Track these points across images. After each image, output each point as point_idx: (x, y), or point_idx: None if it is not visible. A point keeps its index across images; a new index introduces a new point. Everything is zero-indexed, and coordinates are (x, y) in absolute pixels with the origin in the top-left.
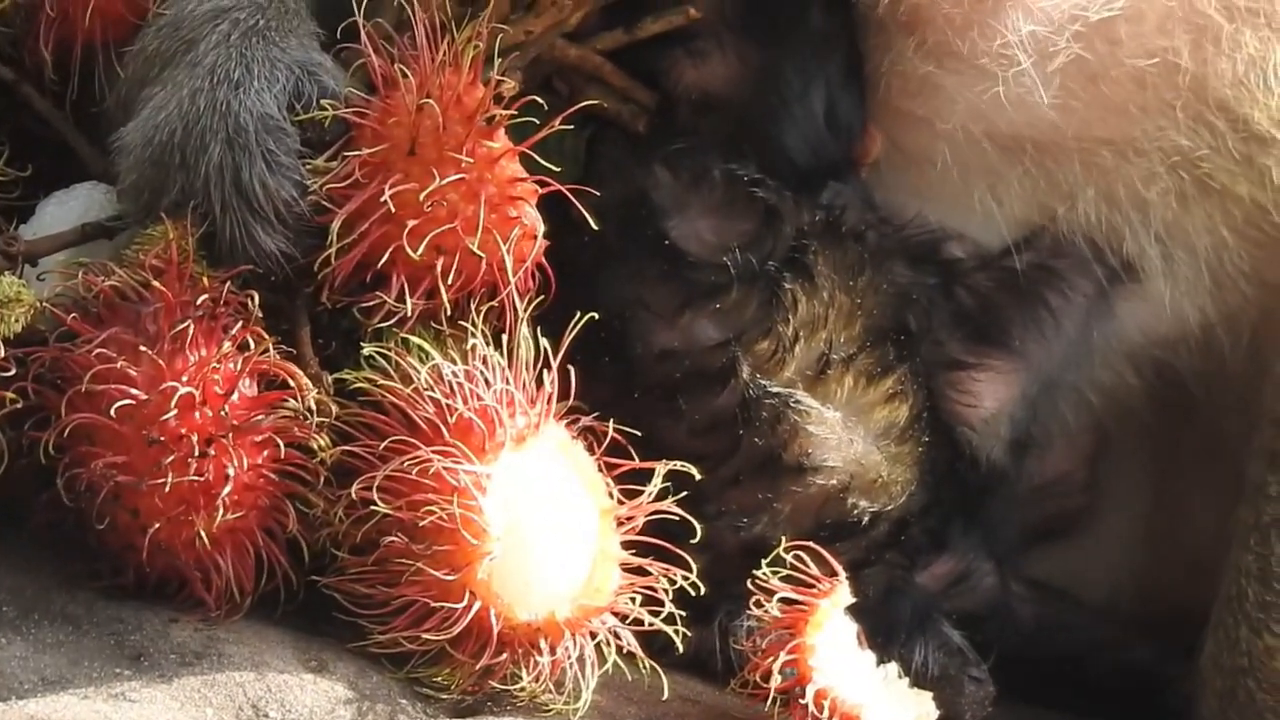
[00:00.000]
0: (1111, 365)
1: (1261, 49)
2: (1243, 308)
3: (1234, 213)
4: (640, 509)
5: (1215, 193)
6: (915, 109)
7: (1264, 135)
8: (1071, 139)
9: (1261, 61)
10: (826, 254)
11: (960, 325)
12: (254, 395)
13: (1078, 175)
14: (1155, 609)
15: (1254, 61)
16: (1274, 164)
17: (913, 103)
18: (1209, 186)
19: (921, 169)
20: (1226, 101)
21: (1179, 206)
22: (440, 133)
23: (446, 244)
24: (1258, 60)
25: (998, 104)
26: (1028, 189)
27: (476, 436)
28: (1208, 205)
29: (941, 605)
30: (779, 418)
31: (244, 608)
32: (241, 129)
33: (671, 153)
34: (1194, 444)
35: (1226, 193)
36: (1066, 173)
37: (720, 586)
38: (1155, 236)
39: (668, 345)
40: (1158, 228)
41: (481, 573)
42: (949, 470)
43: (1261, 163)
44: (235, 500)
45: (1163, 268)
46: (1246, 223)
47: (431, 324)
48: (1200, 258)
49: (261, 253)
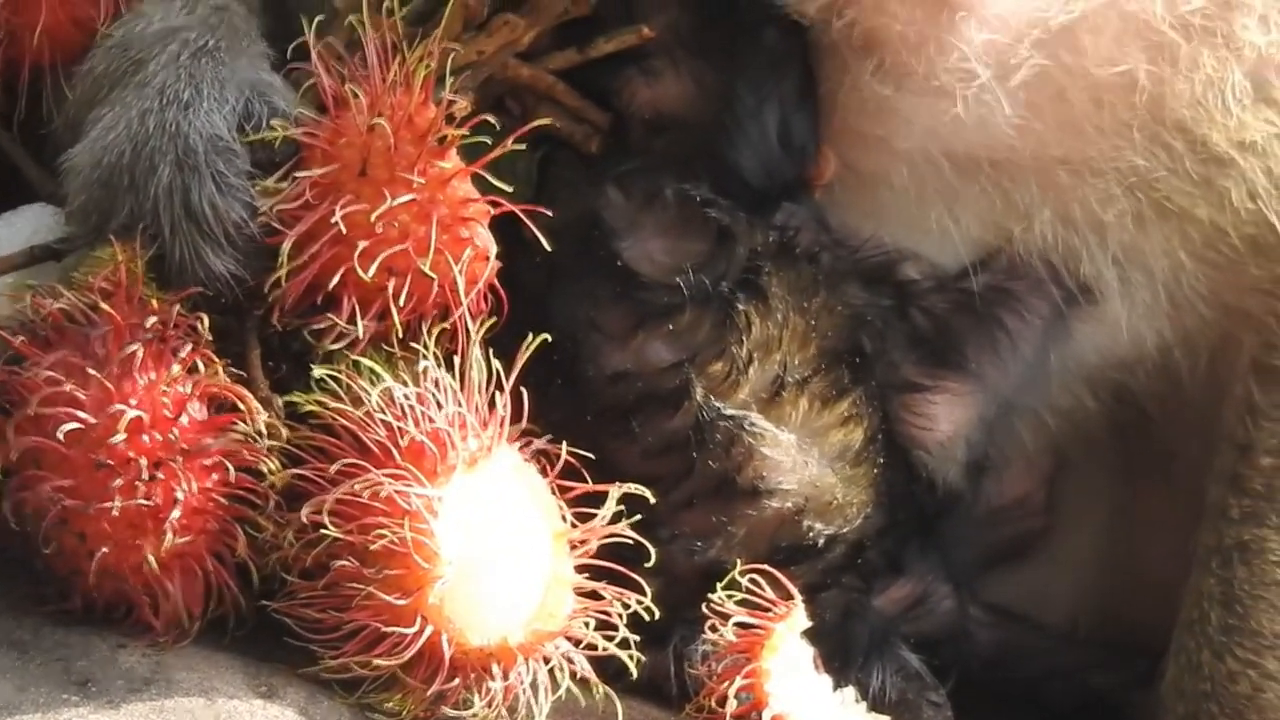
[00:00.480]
0: (1069, 388)
1: (1219, 69)
2: (1200, 330)
3: (1192, 235)
4: (594, 532)
5: (1173, 215)
6: (872, 130)
7: (1223, 157)
8: (1029, 159)
9: (1220, 82)
10: (780, 275)
11: (915, 347)
12: (203, 418)
13: (1035, 195)
14: (1116, 632)
15: (1212, 82)
16: (1233, 185)
17: (869, 124)
18: (1166, 209)
19: (877, 189)
20: (1184, 122)
21: (1136, 229)
22: (391, 153)
23: (398, 265)
24: (1215, 81)
25: (957, 124)
26: (984, 209)
27: (428, 459)
28: (1165, 228)
29: (899, 629)
30: (733, 440)
31: (193, 633)
32: (191, 150)
33: (624, 173)
34: (1152, 466)
35: (1185, 215)
36: (1023, 193)
37: (675, 611)
38: (1112, 258)
39: (620, 367)
40: (1115, 250)
41: (433, 597)
42: (905, 493)
43: (1221, 185)
44: (184, 524)
45: (1120, 290)
46: (1205, 245)
47: (383, 346)
48: (1158, 280)
49: (211, 274)
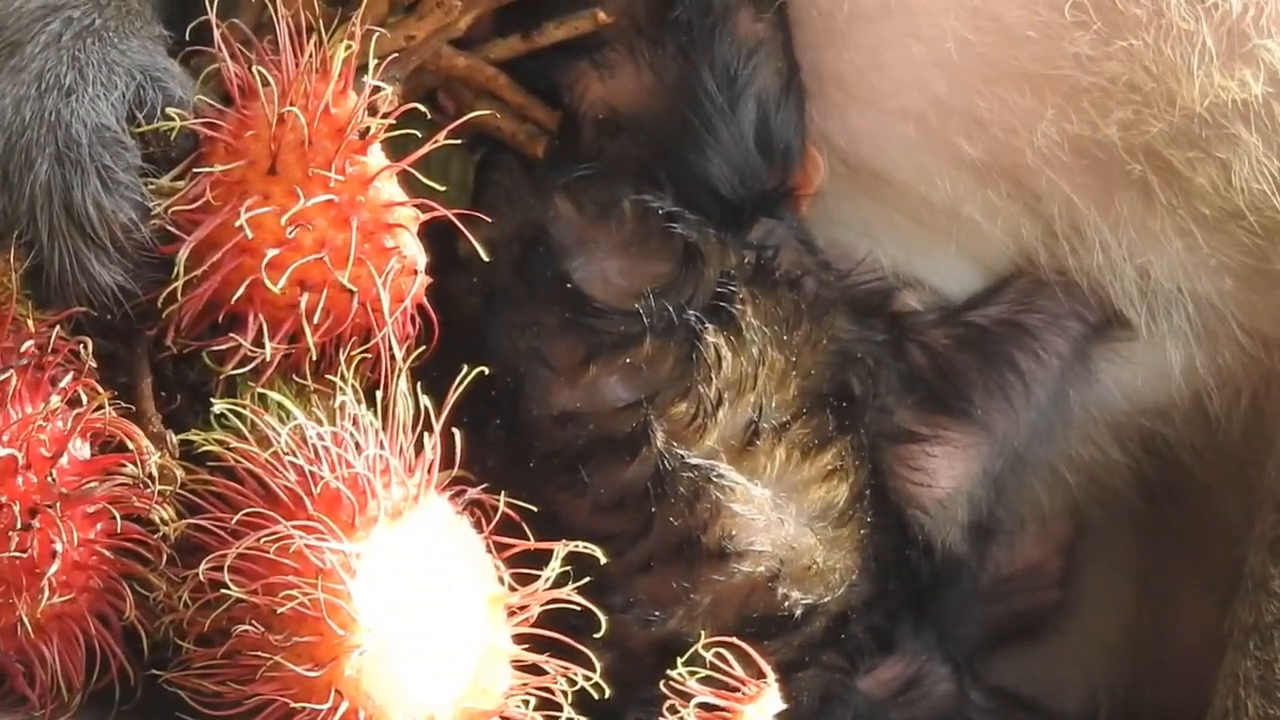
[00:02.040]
0: (1091, 437)
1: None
2: (1241, 365)
3: (1204, 212)
4: (535, 597)
5: (1177, 181)
6: (860, 94)
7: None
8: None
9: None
10: (756, 302)
11: (912, 390)
12: (86, 459)
13: (1030, 103)
14: (1140, 719)
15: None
16: (1235, 158)
17: (856, 115)
18: (1166, 169)
19: (869, 190)
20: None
21: (1144, 206)
22: (305, 148)
23: (312, 278)
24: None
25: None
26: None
27: (345, 510)
28: (1172, 200)
29: (888, 715)
30: (698, 494)
31: (73, 707)
32: (73, 142)
33: (574, 181)
34: (1185, 531)
35: (1188, 184)
36: (1031, 180)
37: (628, 690)
38: (1128, 249)
39: (568, 407)
40: (1129, 234)
41: (350, 669)
42: (897, 558)
43: (1218, 154)
44: (63, 581)
45: (1138, 299)
46: (1218, 227)
47: (294, 377)
48: (1186, 294)
49: (96, 288)
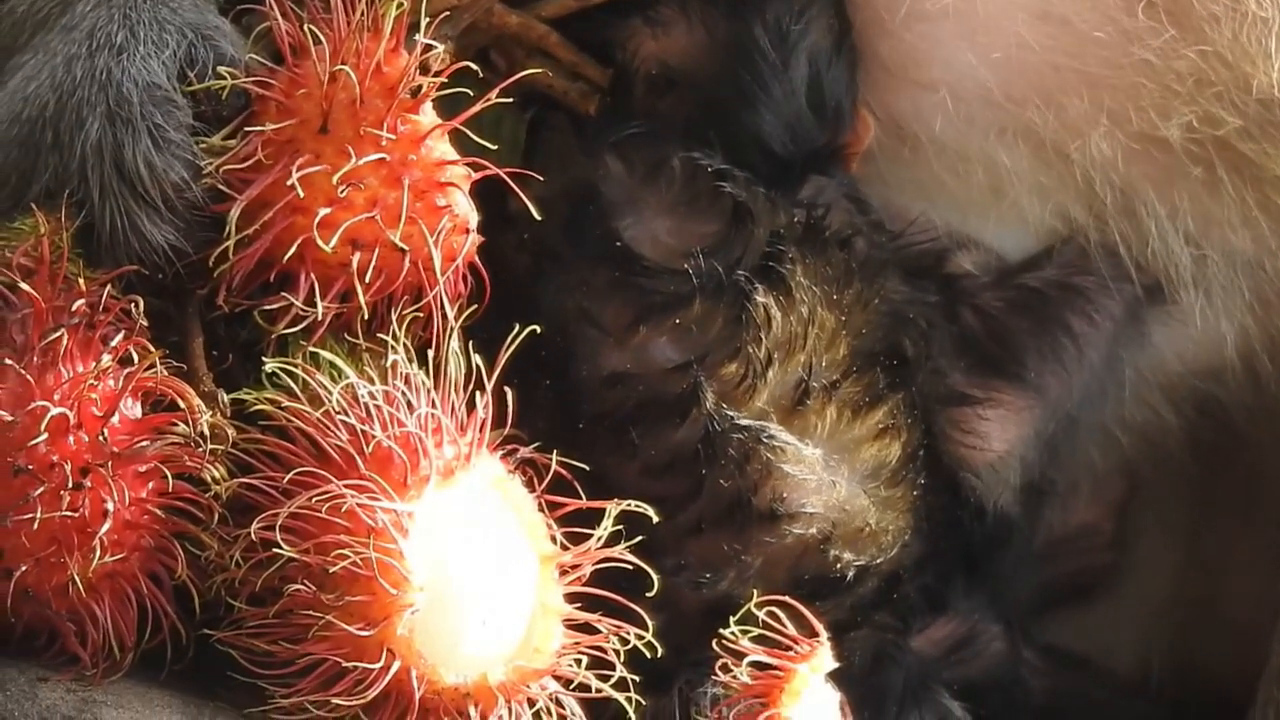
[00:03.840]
0: (1144, 399)
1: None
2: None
3: (1276, 201)
4: (588, 556)
5: (1247, 171)
6: (907, 80)
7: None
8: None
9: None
10: (806, 262)
11: (965, 353)
12: (137, 418)
13: (1087, 108)
14: (1190, 682)
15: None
16: None
17: (905, 73)
18: (1237, 162)
19: (912, 150)
20: (1226, 57)
21: (1208, 194)
22: (357, 106)
23: (364, 237)
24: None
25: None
26: (1028, 155)
27: (397, 469)
28: (1241, 190)
29: (940, 674)
30: (749, 455)
31: (125, 666)
32: (124, 101)
33: (625, 139)
34: (1238, 492)
35: (1261, 172)
36: (1076, 106)
37: (679, 652)
38: (1184, 236)
39: (618, 368)
40: (1187, 222)
41: (401, 628)
42: (949, 519)
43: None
44: (115, 540)
45: (1194, 274)
46: None
47: (345, 335)
48: (1238, 264)
49: (147, 247)
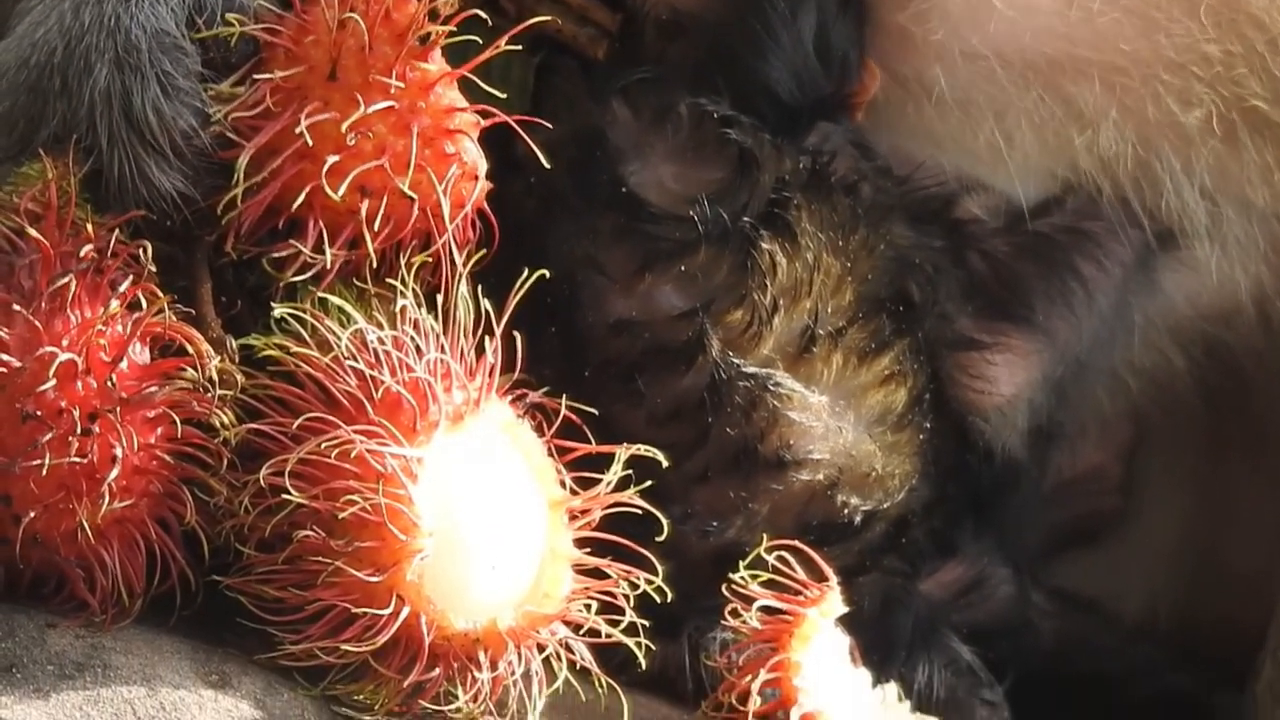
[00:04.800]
0: (1153, 343)
1: None
2: None
3: None
4: (597, 501)
5: (1270, 130)
6: (906, 23)
7: None
8: (1091, 51)
9: None
10: (812, 209)
11: (972, 297)
12: (146, 363)
13: (1099, 96)
14: (1200, 626)
15: None
16: None
17: (915, 28)
18: (1260, 122)
19: (919, 103)
20: (1258, 16)
21: (1227, 148)
22: (366, 53)
23: (372, 184)
24: None
25: (1010, 23)
26: (1043, 120)
27: (406, 414)
28: (1262, 148)
29: (949, 617)
30: (755, 402)
31: (134, 612)
32: (133, 47)
33: (632, 84)
34: (1246, 438)
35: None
36: (1087, 94)
37: (688, 599)
38: (1200, 189)
39: (624, 315)
40: (1203, 177)
41: (411, 573)
42: (957, 462)
43: None
44: (123, 486)
45: (1209, 228)
46: None
47: (354, 281)
48: (1254, 217)
49: (156, 193)
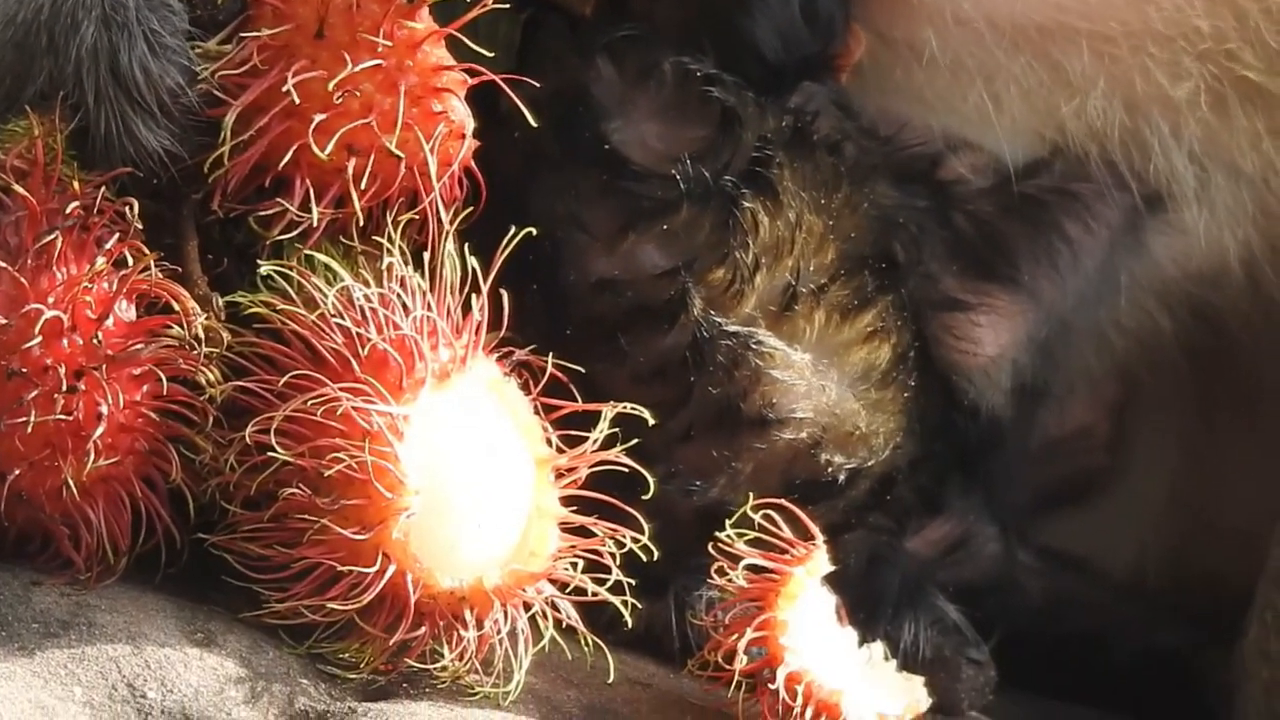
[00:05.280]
0: (1140, 303)
1: None
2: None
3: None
4: (583, 459)
5: (1260, 99)
6: None
7: None
8: (1080, 20)
9: None
10: (794, 167)
11: (957, 256)
12: (132, 320)
13: (1088, 65)
14: (1187, 585)
15: None
16: None
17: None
18: (1250, 91)
19: (908, 65)
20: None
21: (1216, 115)
22: (353, 12)
23: (359, 142)
24: None
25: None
26: (1031, 86)
27: (392, 372)
28: (1252, 115)
29: (935, 575)
30: (737, 361)
31: (119, 570)
32: (120, 4)
33: (617, 41)
34: (1233, 396)
35: (1274, 100)
36: (1075, 62)
37: (674, 558)
38: (1189, 154)
39: (606, 273)
40: (1192, 142)
41: (397, 531)
42: (943, 420)
43: None
44: (109, 443)
45: (1198, 192)
46: None
47: (341, 239)
48: (1243, 183)
49: (142, 151)
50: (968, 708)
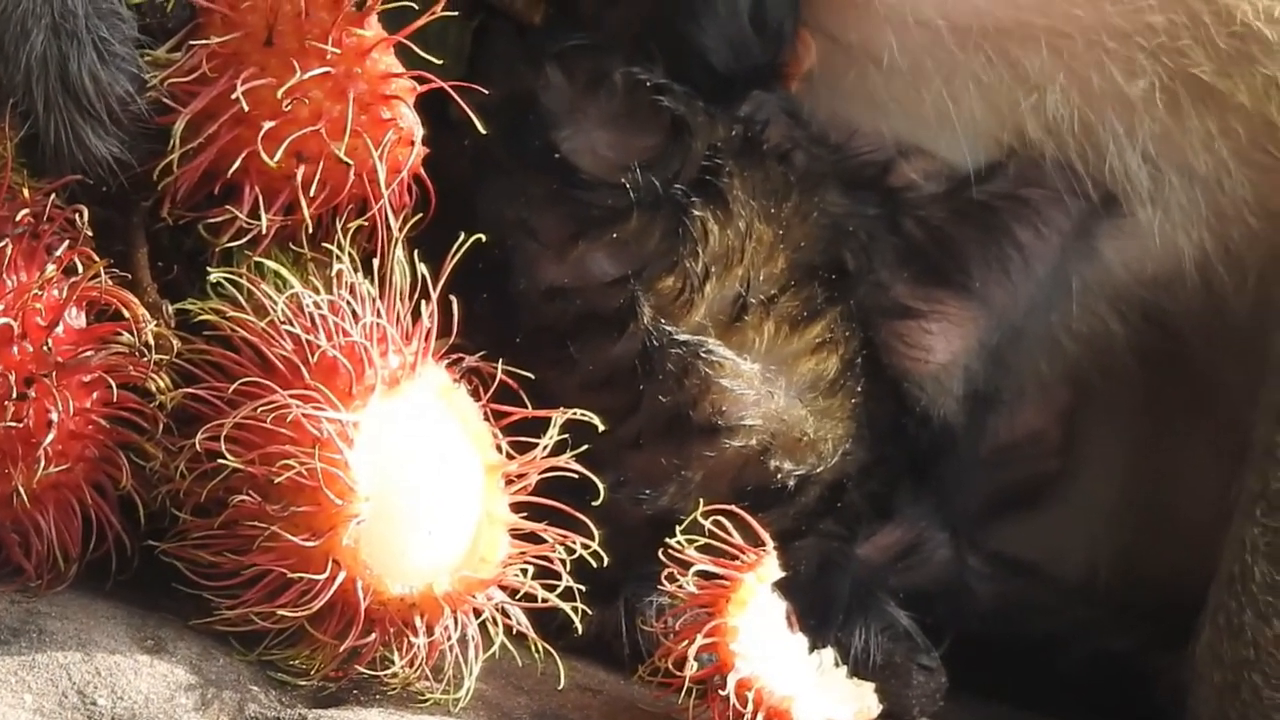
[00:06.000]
0: (1091, 308)
1: None
2: (1247, 243)
3: (1236, 128)
4: (533, 465)
5: (1212, 100)
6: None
7: (1258, 33)
8: (1038, 17)
9: None
10: (744, 176)
11: (908, 263)
12: (82, 327)
13: (1046, 62)
14: (1139, 589)
15: None
16: (1277, 69)
17: None
18: (1203, 91)
19: (862, 69)
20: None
21: (1170, 115)
22: (302, 19)
23: (308, 150)
24: None
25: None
26: (990, 85)
27: (342, 378)
28: (1205, 116)
29: (886, 581)
30: (686, 370)
31: (69, 577)
32: (69, 13)
33: (568, 49)
34: (1185, 400)
35: (1225, 101)
36: (1033, 60)
37: (624, 565)
38: (1142, 154)
39: (556, 281)
40: (1146, 143)
41: (347, 538)
42: (893, 426)
43: (1263, 70)
44: (59, 450)
45: (1152, 192)
46: (1251, 142)
47: (290, 246)
48: (1197, 183)
49: (92, 159)
50: (919, 713)
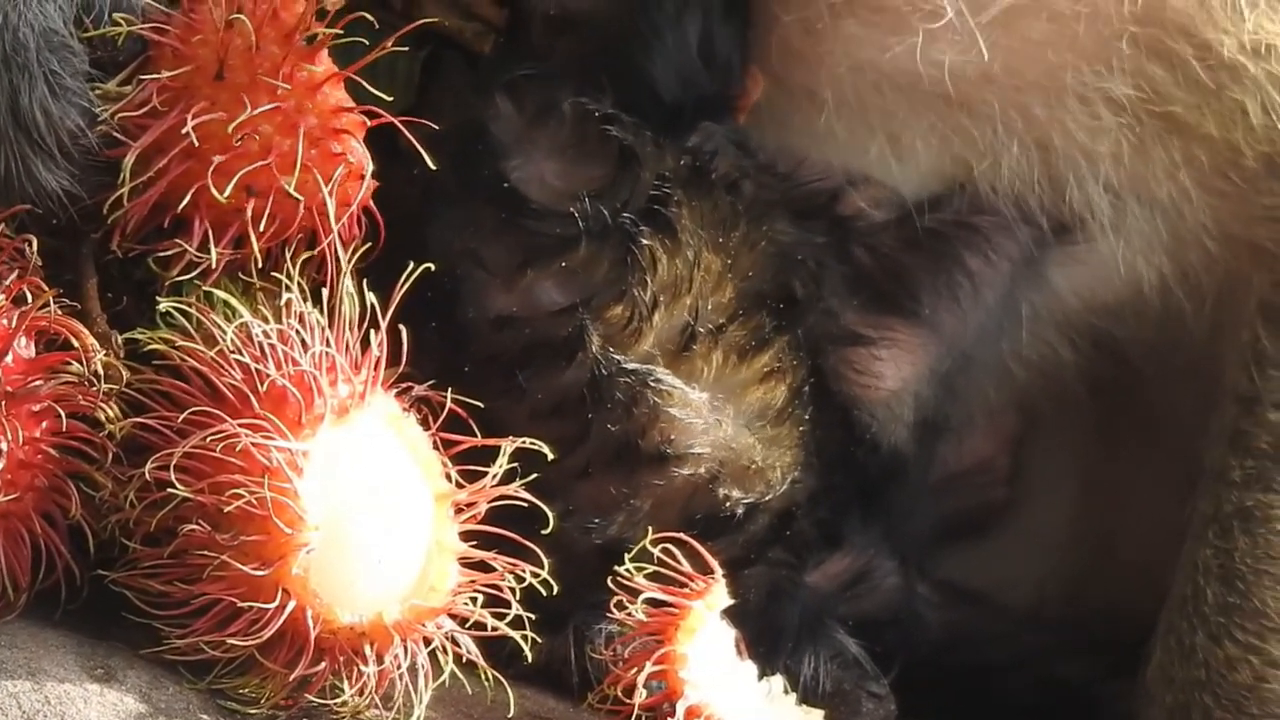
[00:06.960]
0: (1041, 336)
1: None
2: (1205, 267)
3: (1200, 157)
4: (483, 494)
5: (1178, 133)
6: (807, 47)
7: (1234, 64)
8: (994, 92)
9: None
10: (692, 205)
11: (857, 291)
12: (31, 357)
13: (1000, 132)
14: (1088, 615)
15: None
16: (1247, 97)
17: (804, 41)
18: (1170, 127)
19: (808, 112)
20: (1188, 25)
21: (1134, 154)
22: (253, 54)
23: (259, 184)
24: None
25: (906, 55)
26: (938, 144)
27: (291, 408)
28: (1169, 149)
29: (835, 609)
30: (635, 399)
31: (18, 606)
32: (20, 46)
33: (517, 79)
34: (1134, 427)
35: (1191, 133)
36: (985, 130)
37: (574, 593)
38: (1104, 185)
39: (504, 310)
40: (1109, 175)
41: (296, 567)
42: (842, 454)
43: (1232, 96)
44: (8, 480)
45: (1113, 221)
46: (1214, 170)
47: (240, 275)
48: (1158, 210)
49: (42, 191)
50: None
